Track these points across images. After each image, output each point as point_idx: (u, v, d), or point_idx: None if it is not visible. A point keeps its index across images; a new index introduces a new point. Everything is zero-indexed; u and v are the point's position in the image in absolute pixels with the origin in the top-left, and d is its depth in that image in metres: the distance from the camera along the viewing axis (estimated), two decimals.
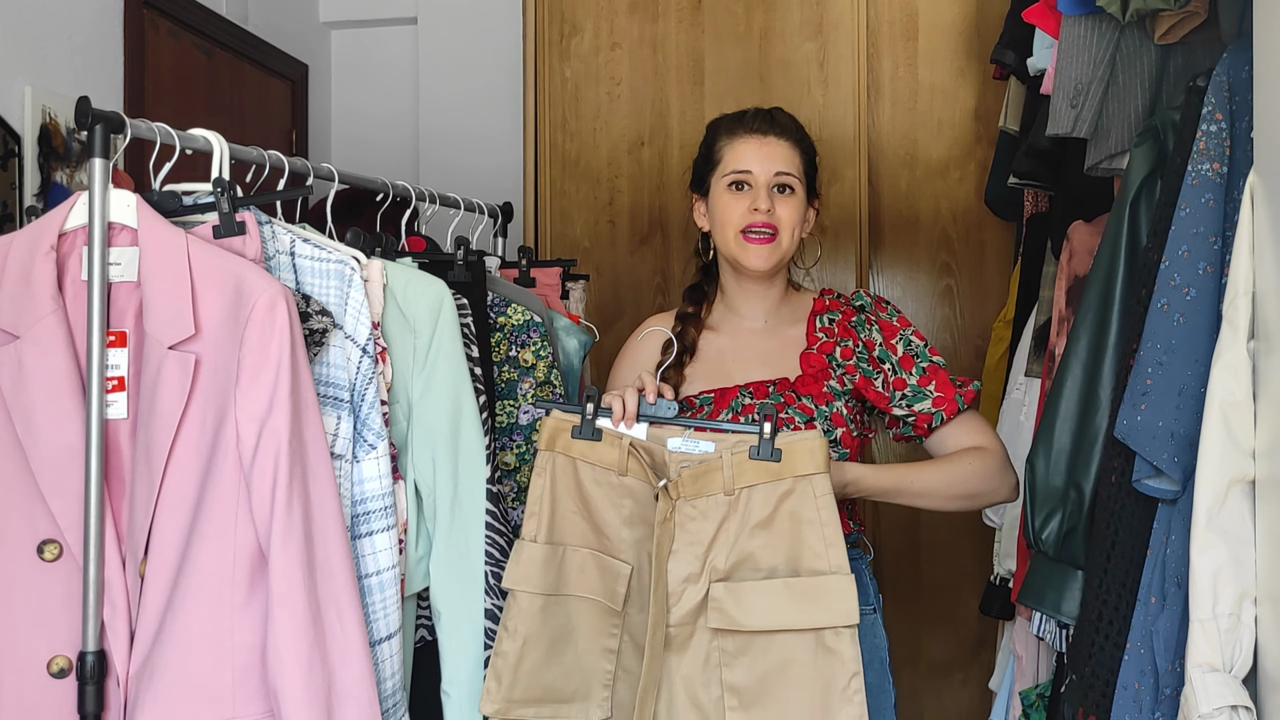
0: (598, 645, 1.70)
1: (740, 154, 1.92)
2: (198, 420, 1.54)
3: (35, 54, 2.68)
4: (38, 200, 2.58)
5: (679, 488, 1.64)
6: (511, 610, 1.70)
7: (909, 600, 3.27)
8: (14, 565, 1.58)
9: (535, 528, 1.71)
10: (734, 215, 1.91)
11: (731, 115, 1.99)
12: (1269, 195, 1.31)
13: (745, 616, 1.61)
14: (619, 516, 1.70)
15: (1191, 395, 1.39)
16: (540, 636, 1.69)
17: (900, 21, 3.28)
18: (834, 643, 1.58)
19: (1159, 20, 1.69)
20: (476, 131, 4.09)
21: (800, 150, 1.94)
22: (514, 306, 2.15)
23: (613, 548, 1.70)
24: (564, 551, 1.71)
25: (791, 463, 1.61)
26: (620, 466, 1.69)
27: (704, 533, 1.64)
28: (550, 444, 1.72)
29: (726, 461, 1.63)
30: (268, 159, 1.88)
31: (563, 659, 1.70)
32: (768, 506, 1.62)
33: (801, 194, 1.93)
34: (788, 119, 1.97)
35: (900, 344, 1.92)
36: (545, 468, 1.72)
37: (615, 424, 1.70)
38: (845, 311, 1.96)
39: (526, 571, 1.69)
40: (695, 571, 1.64)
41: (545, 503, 1.71)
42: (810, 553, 1.61)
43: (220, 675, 1.53)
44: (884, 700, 1.88)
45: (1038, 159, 2.39)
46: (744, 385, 1.91)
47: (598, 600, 1.70)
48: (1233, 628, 1.29)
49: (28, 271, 1.59)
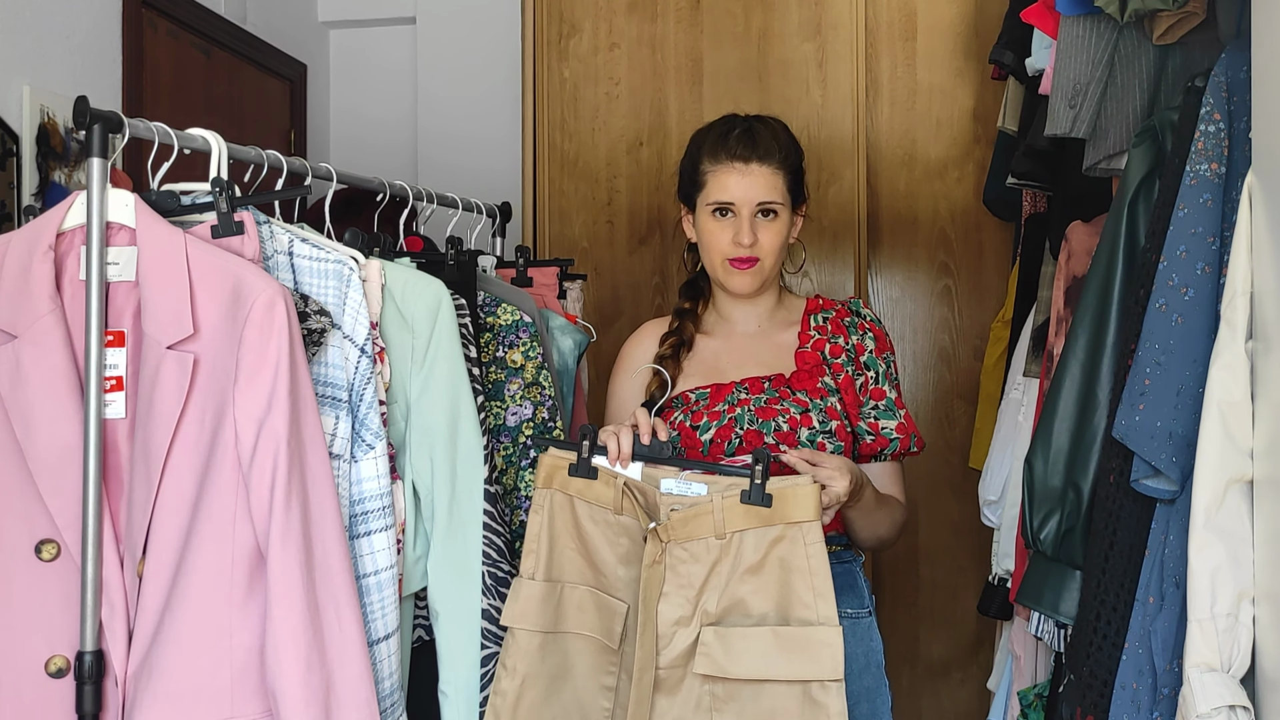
0: (596, 683, 1.70)
1: (723, 183, 1.90)
2: (196, 420, 1.54)
3: (34, 53, 2.68)
4: (36, 200, 2.58)
5: (668, 531, 1.64)
6: (510, 648, 1.70)
7: (907, 600, 3.28)
8: (12, 565, 1.58)
9: (534, 565, 1.71)
10: (718, 242, 1.92)
11: (716, 133, 1.95)
12: (1267, 195, 1.31)
13: (733, 664, 1.61)
14: (615, 554, 1.70)
15: (1190, 395, 1.39)
16: (539, 674, 1.69)
17: (899, 22, 3.28)
18: (820, 696, 1.59)
19: (1157, 20, 1.69)
20: (475, 131, 4.09)
21: (785, 170, 1.92)
22: (504, 306, 2.13)
23: (610, 585, 1.70)
24: (562, 589, 1.71)
25: (783, 509, 1.61)
26: (616, 505, 1.69)
27: (695, 576, 1.64)
28: (548, 481, 1.72)
29: (717, 505, 1.62)
30: (266, 159, 1.88)
31: (560, 697, 1.70)
32: (758, 552, 1.62)
33: (785, 214, 1.93)
34: (770, 137, 1.93)
35: (886, 361, 1.95)
36: (543, 505, 1.72)
37: (611, 463, 1.69)
38: (839, 311, 1.99)
39: (525, 609, 1.69)
40: (687, 614, 1.63)
41: (543, 540, 1.71)
42: (799, 602, 1.61)
43: (219, 675, 1.53)
44: (881, 705, 1.88)
45: (1036, 159, 2.39)
46: (739, 381, 1.92)
47: (595, 638, 1.70)
48: (1230, 627, 1.29)
49: (26, 271, 1.59)
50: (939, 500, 3.23)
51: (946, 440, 3.24)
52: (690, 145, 2.00)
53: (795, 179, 1.95)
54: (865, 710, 1.84)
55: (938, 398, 3.28)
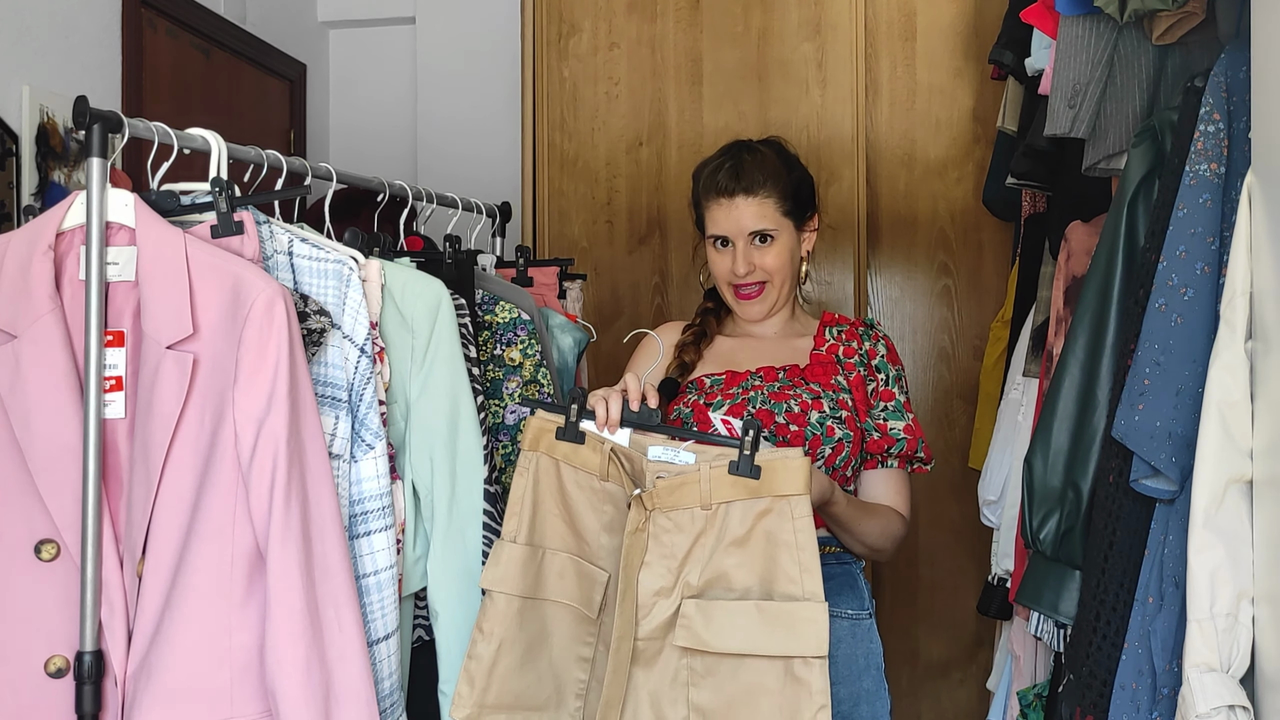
0: (572, 653, 1.67)
1: (714, 218, 1.96)
2: (195, 420, 1.54)
3: (33, 53, 2.68)
4: (35, 199, 2.58)
5: (653, 499, 1.60)
6: (488, 611, 1.66)
7: (907, 600, 3.28)
8: (11, 565, 1.58)
9: (516, 528, 1.68)
10: (721, 271, 1.99)
11: (709, 169, 1.99)
12: (1266, 195, 1.31)
13: (713, 637, 1.57)
14: (599, 522, 1.67)
15: (1189, 395, 1.39)
16: (515, 641, 1.66)
17: (898, 22, 3.28)
18: (803, 673, 1.54)
19: (1157, 20, 1.69)
20: (475, 131, 4.09)
21: (776, 196, 1.94)
22: (502, 304, 2.13)
23: (591, 553, 1.67)
24: (543, 554, 1.68)
25: (770, 481, 1.57)
26: (601, 471, 1.66)
27: (679, 546, 1.60)
28: (534, 444, 1.69)
29: (704, 475, 1.59)
30: (266, 158, 1.88)
31: (536, 665, 1.67)
32: (744, 524, 1.58)
33: (784, 236, 1.95)
34: (755, 169, 1.94)
35: (896, 371, 1.98)
36: (528, 468, 1.69)
37: (599, 429, 1.67)
38: (854, 323, 2.03)
39: (505, 572, 1.66)
40: (668, 585, 1.60)
41: (527, 503, 1.68)
42: (784, 576, 1.56)
43: (218, 675, 1.53)
44: (880, 707, 1.87)
45: (1036, 159, 2.39)
46: (755, 370, 1.95)
47: (574, 607, 1.67)
48: (1230, 627, 1.29)
49: (25, 271, 1.59)
50: (939, 500, 3.23)
51: (946, 440, 3.24)
52: (693, 180, 2.05)
53: (793, 200, 1.97)
54: (865, 713, 1.84)
55: (937, 398, 3.28)
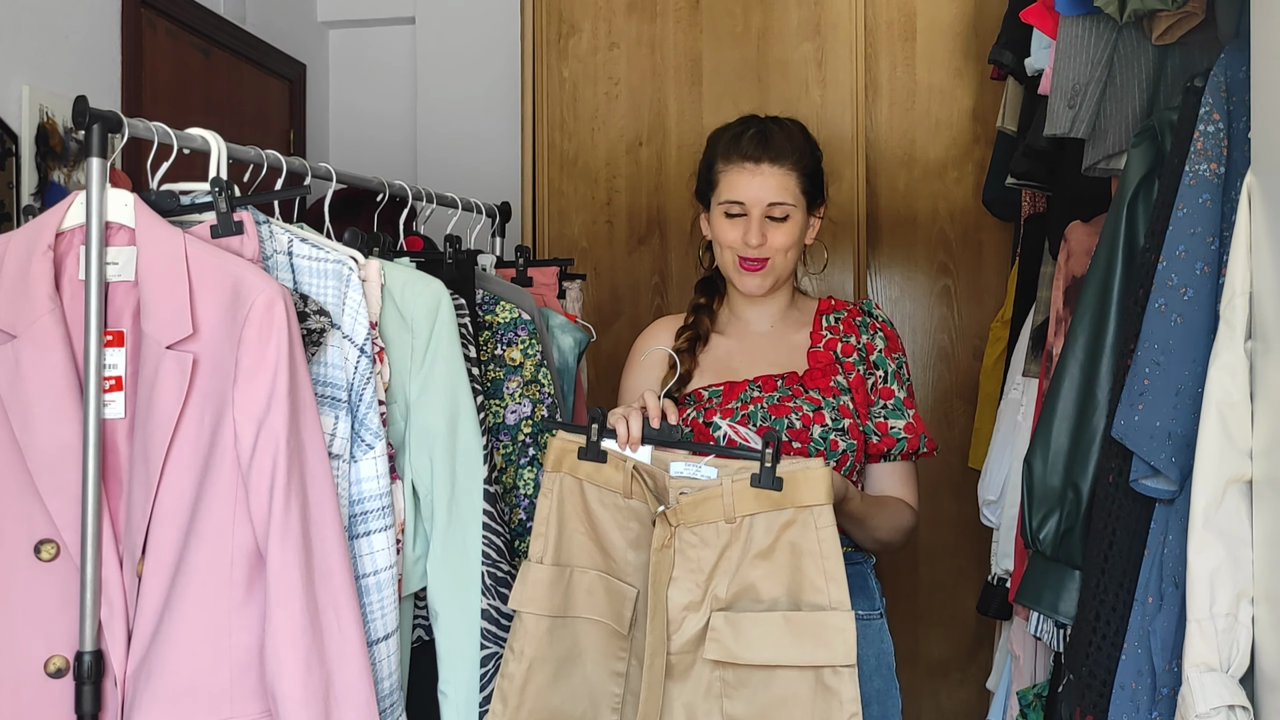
0: (605, 668, 1.68)
1: (734, 184, 1.91)
2: (195, 420, 1.54)
3: (33, 53, 2.68)
4: (35, 199, 2.58)
5: (678, 515, 1.62)
6: (518, 632, 1.68)
7: (907, 600, 3.28)
8: (11, 565, 1.58)
9: (542, 549, 1.69)
10: (731, 239, 1.92)
11: (731, 133, 1.96)
12: (1266, 195, 1.31)
13: (743, 650, 1.59)
14: (625, 539, 1.69)
15: (1189, 395, 1.39)
16: (547, 659, 1.68)
17: (898, 21, 3.28)
18: (833, 682, 1.56)
19: (1157, 20, 1.69)
20: (474, 131, 4.09)
21: (798, 172, 1.92)
22: (502, 304, 2.13)
23: (619, 570, 1.69)
24: (571, 573, 1.69)
25: (793, 492, 1.58)
26: (625, 489, 1.67)
27: (705, 560, 1.62)
28: (557, 465, 1.70)
29: (726, 489, 1.60)
30: (265, 158, 1.88)
31: (570, 681, 1.69)
32: (769, 536, 1.60)
33: (798, 215, 1.92)
34: (784, 139, 1.93)
35: (896, 361, 1.95)
36: (552, 489, 1.70)
37: (620, 447, 1.68)
38: (850, 311, 1.99)
39: (533, 593, 1.68)
40: (696, 599, 1.61)
41: (552, 524, 1.70)
42: (810, 586, 1.58)
43: (218, 675, 1.53)
44: (891, 707, 1.87)
45: (1035, 159, 2.39)
46: (753, 379, 1.92)
47: (605, 623, 1.68)
48: (1230, 627, 1.29)
49: (25, 271, 1.59)
50: (939, 500, 3.23)
51: (946, 440, 3.24)
52: (707, 144, 2.01)
53: (811, 181, 1.95)
54: (876, 713, 1.84)
55: (937, 398, 3.28)
